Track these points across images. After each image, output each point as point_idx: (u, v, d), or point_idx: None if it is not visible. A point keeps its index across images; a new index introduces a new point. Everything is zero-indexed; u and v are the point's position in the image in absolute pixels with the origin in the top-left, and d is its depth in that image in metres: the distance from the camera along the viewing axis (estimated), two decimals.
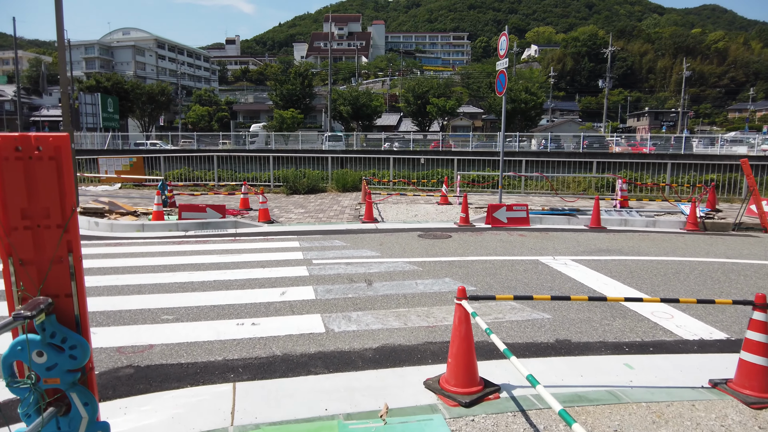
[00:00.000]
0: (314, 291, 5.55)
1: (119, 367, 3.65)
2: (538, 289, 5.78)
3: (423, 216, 11.56)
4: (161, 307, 5.00)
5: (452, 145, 41.73)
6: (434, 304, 5.16)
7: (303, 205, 13.38)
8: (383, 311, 4.92)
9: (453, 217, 11.46)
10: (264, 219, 10.53)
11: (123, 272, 6.37)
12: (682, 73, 75.33)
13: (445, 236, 9.13)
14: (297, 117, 49.32)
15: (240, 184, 13.93)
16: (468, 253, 7.68)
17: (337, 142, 37.25)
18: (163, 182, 12.77)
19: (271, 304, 5.10)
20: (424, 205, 13.25)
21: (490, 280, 6.11)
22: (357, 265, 6.76)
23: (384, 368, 3.70)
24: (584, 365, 3.85)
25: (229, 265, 6.72)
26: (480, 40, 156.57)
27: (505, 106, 11.66)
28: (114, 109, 42.82)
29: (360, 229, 9.93)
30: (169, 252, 7.62)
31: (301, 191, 15.66)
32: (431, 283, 5.96)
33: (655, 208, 13.00)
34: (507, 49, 11.22)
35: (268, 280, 6.00)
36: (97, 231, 9.75)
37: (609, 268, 6.86)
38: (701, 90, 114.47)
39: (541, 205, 13.03)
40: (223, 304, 5.09)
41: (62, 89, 11.37)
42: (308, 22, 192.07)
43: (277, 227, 10.08)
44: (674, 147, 32.80)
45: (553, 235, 9.55)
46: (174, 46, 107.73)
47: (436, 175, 17.63)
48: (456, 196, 13.77)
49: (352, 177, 16.04)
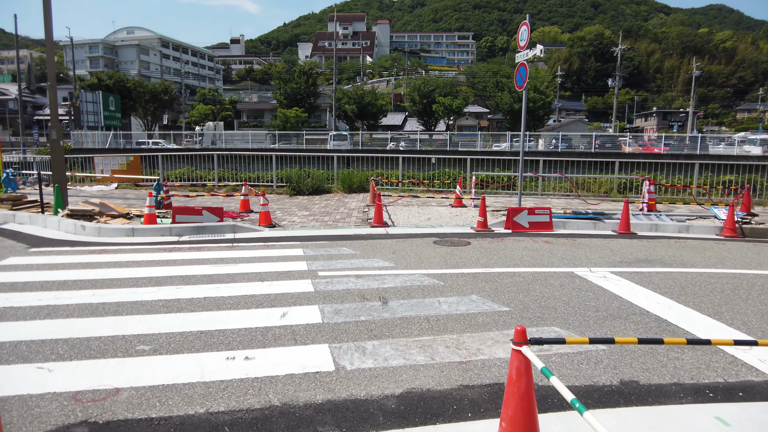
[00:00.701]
0: (320, 312, 4.73)
1: (70, 424, 2.83)
2: (581, 309, 4.94)
3: (436, 220, 10.72)
4: (138, 333, 4.19)
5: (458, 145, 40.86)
6: (464, 330, 4.33)
7: (307, 207, 12.57)
8: (404, 340, 4.09)
9: (469, 220, 10.62)
10: (265, 223, 9.71)
11: (102, 286, 5.56)
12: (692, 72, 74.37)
13: (463, 243, 8.29)
14: (301, 116, 48.59)
15: (240, 185, 13.14)
16: (492, 263, 6.84)
17: (342, 141, 36.46)
18: (158, 182, 12.00)
19: (269, 329, 4.27)
20: (436, 207, 12.41)
21: (525, 299, 5.27)
22: (369, 279, 5.94)
23: (412, 426, 2.87)
24: (665, 420, 3.02)
25: (223, 278, 5.91)
26: (485, 40, 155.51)
27: (525, 101, 10.79)
28: (116, 108, 42.16)
29: (369, 234, 9.10)
30: (158, 261, 6.81)
31: (305, 192, 14.84)
32: (456, 301, 5.13)
33: (684, 212, 12.11)
34: (528, 39, 10.37)
35: (267, 297, 5.19)
36: (83, 236, 8.95)
37: (655, 283, 6.00)
38: (709, 90, 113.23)
39: (562, 208, 12.17)
40: (212, 329, 4.27)
41: (50, 83, 10.60)
42: (313, 21, 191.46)
43: (279, 232, 9.26)
44: (689, 147, 31.80)
45: (581, 242, 8.69)
46: (178, 46, 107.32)
47: (444, 176, 16.79)
48: (472, 198, 12.88)
49: (359, 177, 15.21)
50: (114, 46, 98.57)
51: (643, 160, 20.42)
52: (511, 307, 4.98)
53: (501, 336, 4.21)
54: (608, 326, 4.54)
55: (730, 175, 16.19)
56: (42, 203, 10.76)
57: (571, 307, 5.05)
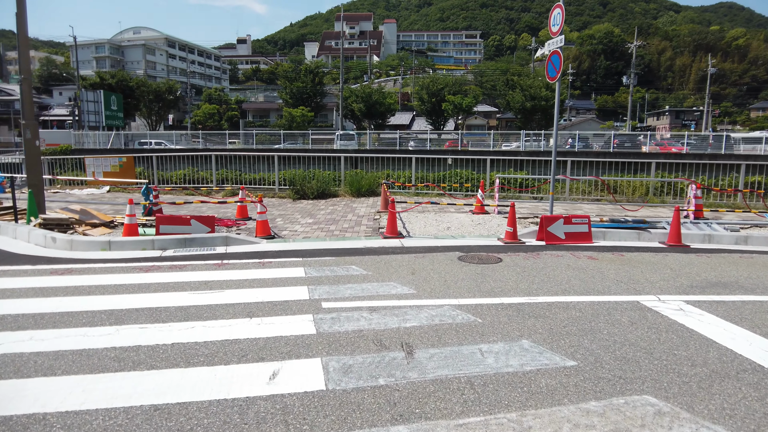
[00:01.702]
0: (324, 370, 3.50)
1: None
2: (672, 363, 3.67)
3: (457, 229, 9.46)
4: (69, 409, 2.97)
5: (467, 144, 39.58)
6: (525, 403, 3.08)
7: (311, 213, 11.35)
8: (443, 425, 2.85)
9: (494, 230, 9.36)
10: (262, 233, 8.50)
11: (45, 324, 4.37)
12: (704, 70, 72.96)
13: (493, 260, 7.03)
14: (307, 115, 47.45)
15: (239, 188, 11.96)
16: (535, 289, 5.59)
17: (349, 141, 35.22)
18: (147, 186, 10.84)
19: (250, 404, 3.04)
20: (455, 214, 11.13)
21: (592, 345, 4.02)
22: (386, 313, 4.71)
23: None
24: None
25: (203, 313, 4.70)
26: (493, 39, 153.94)
27: (558, 93, 9.50)
28: (118, 107, 41.19)
29: (382, 247, 7.86)
30: (127, 286, 5.61)
31: (309, 196, 13.64)
32: (504, 350, 3.88)
33: (734, 219, 10.79)
34: (562, 23, 9.10)
35: (255, 344, 3.96)
36: (53, 249, 7.79)
37: (749, 318, 4.73)
38: (721, 88, 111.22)
39: (596, 215, 10.87)
40: (171, 402, 3.05)
41: (23, 75, 9.46)
42: (319, 21, 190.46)
43: (278, 244, 8.04)
44: (713, 146, 30.24)
45: (631, 257, 7.41)
46: (185, 46, 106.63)
47: (457, 177, 15.51)
48: (499, 205, 11.53)
49: (368, 180, 13.97)
50: (120, 46, 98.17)
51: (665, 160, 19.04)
52: (579, 360, 3.73)
53: (579, 415, 2.96)
54: (719, 392, 3.28)
55: (759, 176, 14.83)
56: (15, 210, 9.63)
57: (657, 359, 3.79)
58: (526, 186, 13.91)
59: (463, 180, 15.61)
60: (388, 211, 9.01)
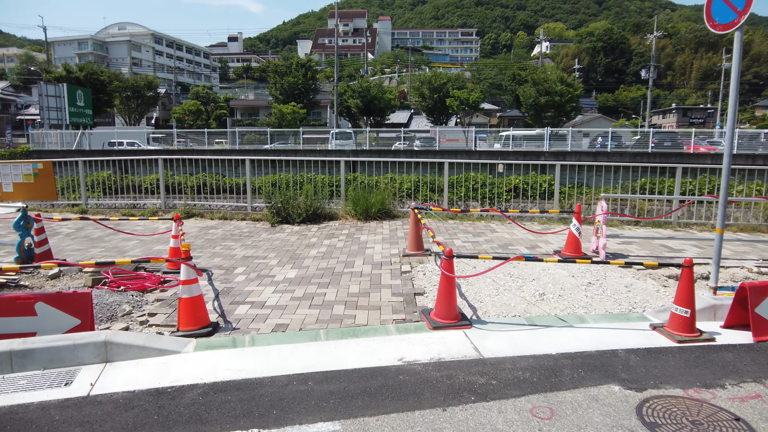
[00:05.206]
0: None
1: None
2: None
3: (556, 299, 5.25)
4: None
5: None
6: None
7: (296, 254, 7.13)
8: None
9: (623, 296, 5.19)
10: (191, 324, 4.24)
11: None
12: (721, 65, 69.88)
13: (710, 411, 2.86)
14: (299, 112, 43.05)
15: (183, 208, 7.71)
16: None
17: (346, 140, 30.86)
18: (24, 212, 6.58)
19: None
20: (539, 265, 6.72)
21: None
22: None
23: None
24: None
25: None
26: (488, 37, 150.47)
27: (739, 49, 5.24)
28: (85, 103, 36.63)
29: (440, 361, 3.67)
30: None
31: (295, 219, 9.39)
32: None
33: None
34: None
35: None
36: None
37: None
38: (723, 85, 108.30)
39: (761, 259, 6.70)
40: None
41: None
42: (312, 20, 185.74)
43: (217, 357, 3.83)
44: (764, 146, 26.30)
45: None
46: (172, 42, 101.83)
47: (502, 187, 11.36)
48: (599, 237, 7.11)
49: (378, 198, 9.68)
50: (104, 42, 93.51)
51: (736, 165, 15.01)
52: None
53: None
54: None
55: None
56: None
57: None
58: (640, 212, 9.53)
59: (503, 190, 11.50)
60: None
